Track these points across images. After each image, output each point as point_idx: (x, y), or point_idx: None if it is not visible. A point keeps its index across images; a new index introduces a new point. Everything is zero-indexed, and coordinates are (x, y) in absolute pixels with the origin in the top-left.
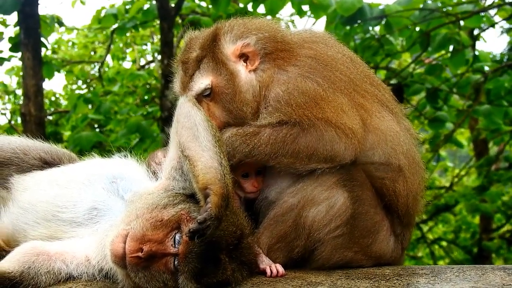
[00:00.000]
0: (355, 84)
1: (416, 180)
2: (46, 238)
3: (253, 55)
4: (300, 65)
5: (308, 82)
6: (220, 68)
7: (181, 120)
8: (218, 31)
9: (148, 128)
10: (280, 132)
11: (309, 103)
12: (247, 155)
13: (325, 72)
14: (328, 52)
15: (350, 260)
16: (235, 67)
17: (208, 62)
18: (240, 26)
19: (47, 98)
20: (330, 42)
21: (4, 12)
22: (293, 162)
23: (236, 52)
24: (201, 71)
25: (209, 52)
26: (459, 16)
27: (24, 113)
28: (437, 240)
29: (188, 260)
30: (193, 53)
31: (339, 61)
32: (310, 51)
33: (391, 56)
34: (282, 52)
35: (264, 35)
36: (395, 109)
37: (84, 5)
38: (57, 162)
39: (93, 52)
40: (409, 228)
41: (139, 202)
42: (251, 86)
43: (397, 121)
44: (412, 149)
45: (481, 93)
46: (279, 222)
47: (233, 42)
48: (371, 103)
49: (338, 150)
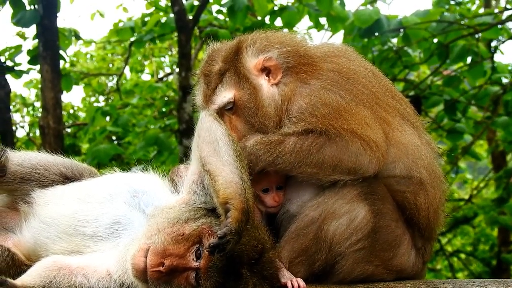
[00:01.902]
0: (377, 98)
1: (437, 193)
2: (68, 253)
3: (275, 69)
4: (323, 78)
5: (331, 95)
6: (243, 82)
7: (202, 135)
8: (240, 44)
9: (166, 140)
10: (306, 140)
11: (333, 114)
12: (270, 163)
13: (348, 86)
14: (350, 66)
15: (371, 274)
16: (257, 81)
17: (231, 75)
18: (263, 40)
19: (66, 110)
20: (352, 56)
21: (23, 25)
22: (317, 172)
23: (258, 66)
24: (224, 84)
25: (232, 66)
26: (477, 28)
27: (42, 126)
28: (456, 253)
29: (209, 274)
30: (216, 66)
31: (361, 75)
32: (332, 65)
33: (409, 68)
34: (305, 66)
35: (287, 49)
36: (416, 123)
37: (103, 17)
38: (78, 177)
39: (111, 64)
40: (430, 242)
41: (160, 217)
42: (273, 100)
43: (418, 135)
44: (433, 163)
45: (500, 105)
46: (300, 235)
47: (255, 55)
48: (393, 117)
49: (363, 162)
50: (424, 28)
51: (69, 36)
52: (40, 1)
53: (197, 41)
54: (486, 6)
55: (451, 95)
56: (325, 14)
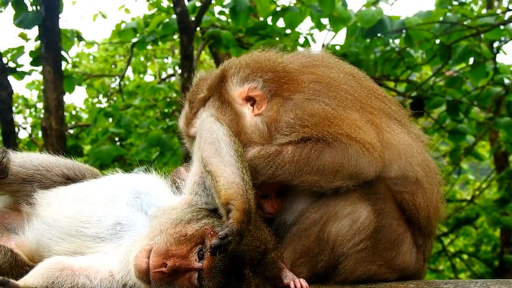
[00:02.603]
0: (361, 102)
1: (434, 188)
2: (70, 254)
3: (261, 100)
4: (304, 91)
5: (315, 104)
6: (225, 108)
7: (203, 135)
8: (225, 72)
9: (169, 141)
10: (304, 148)
11: (324, 122)
12: (270, 176)
13: (330, 93)
14: (330, 74)
15: (374, 274)
16: (240, 109)
17: (214, 101)
18: (245, 68)
19: (68, 111)
20: (330, 63)
21: (25, 26)
22: (318, 180)
23: (243, 95)
24: (206, 108)
25: (216, 92)
26: (480, 29)
27: (45, 127)
28: (458, 253)
29: (212, 275)
30: (201, 94)
31: (342, 82)
32: (311, 76)
33: (412, 69)
34: (286, 84)
35: (269, 76)
36: (403, 119)
37: (105, 18)
38: (80, 178)
39: (114, 65)
40: (431, 238)
41: (162, 217)
42: (257, 128)
43: (407, 132)
44: (426, 157)
45: (502, 106)
46: (302, 237)
47: (240, 84)
48: (380, 118)
49: (363, 165)
50: (426, 29)
51: (71, 38)
52: (42, 2)
53: (199, 42)
54: (489, 7)
55: (453, 96)
56: (327, 14)
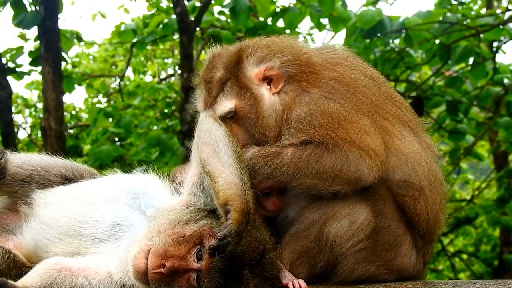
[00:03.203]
0: (377, 106)
1: (437, 198)
2: (68, 254)
3: (277, 78)
4: (323, 87)
5: (330, 103)
6: (244, 92)
7: (202, 136)
8: (241, 53)
9: (168, 141)
10: (304, 151)
11: (332, 124)
12: (268, 176)
13: (348, 94)
14: (351, 74)
15: (373, 274)
16: (258, 91)
17: (232, 85)
18: (264, 48)
19: (68, 112)
20: (353, 63)
21: (25, 26)
22: (316, 183)
23: (259, 76)
24: (225, 93)
25: (233, 75)
26: (479, 29)
27: (44, 127)
28: (458, 253)
29: (210, 275)
30: (217, 73)
31: (361, 83)
32: (333, 73)
33: (411, 69)
34: (306, 74)
35: (288, 58)
36: (417, 127)
37: (104, 18)
38: (78, 178)
39: (114, 66)
40: (431, 244)
41: (161, 218)
42: (274, 110)
43: (418, 141)
44: (433, 168)
45: (501, 106)
46: (301, 237)
47: (256, 65)
48: (393, 125)
49: (362, 171)
50: (426, 29)
51: (70, 38)
52: (41, 3)
53: (199, 42)
54: (488, 7)
55: (453, 96)
56: (327, 15)
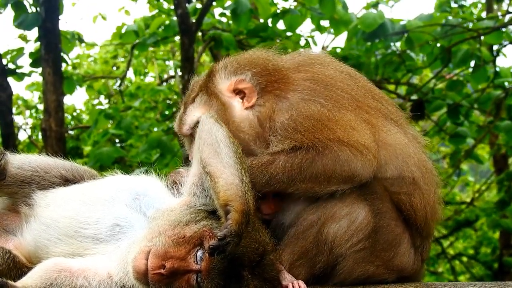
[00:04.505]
0: (358, 101)
1: (431, 189)
2: (68, 255)
3: (250, 92)
4: (299, 89)
5: (311, 105)
6: (212, 100)
7: (203, 137)
8: (213, 68)
9: (169, 143)
10: (296, 158)
11: (317, 126)
12: (264, 185)
13: (326, 92)
14: (326, 72)
15: (372, 274)
16: (228, 100)
17: (202, 96)
18: (233, 62)
19: (68, 113)
20: (326, 61)
21: (25, 27)
22: (312, 186)
23: (230, 87)
24: (195, 104)
25: (204, 88)
26: (480, 32)
27: (44, 129)
28: (458, 256)
29: (210, 276)
30: (193, 94)
31: (338, 79)
32: (306, 74)
33: (412, 72)
34: (277, 83)
35: (257, 70)
36: (400, 120)
37: (105, 20)
38: (78, 179)
39: (116, 67)
40: (428, 239)
41: (161, 219)
42: (248, 119)
43: (403, 132)
44: (422, 158)
45: (502, 109)
46: (300, 239)
47: (227, 78)
48: (376, 118)
49: (356, 168)
50: (427, 32)
51: (71, 39)
52: (42, 4)
53: (200, 44)
54: (488, 11)
55: (453, 99)
56: (328, 17)
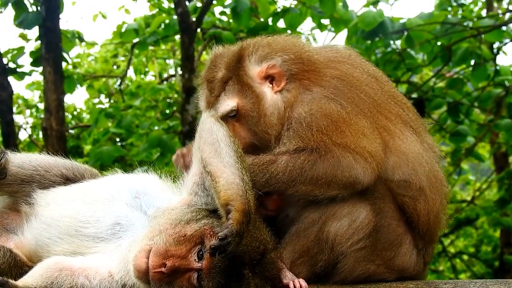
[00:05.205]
0: (379, 106)
1: (437, 199)
2: (69, 254)
3: (279, 76)
4: (325, 85)
5: (332, 104)
6: (246, 91)
7: (203, 136)
8: (242, 51)
9: (169, 142)
10: (298, 159)
11: (330, 127)
12: (264, 184)
13: (350, 94)
14: (354, 73)
15: (373, 273)
16: (260, 90)
17: (234, 84)
18: (265, 47)
19: (69, 112)
20: (355, 62)
21: (26, 26)
22: (312, 189)
23: (261, 74)
24: (227, 92)
25: (234, 74)
26: (480, 30)
27: (45, 128)
28: (459, 254)
29: (211, 275)
30: (219, 73)
31: (364, 82)
32: (335, 72)
33: (412, 70)
34: (308, 73)
35: (290, 56)
36: (419, 128)
37: (105, 19)
38: (79, 178)
39: (116, 66)
40: (432, 244)
41: (162, 218)
42: (276, 108)
43: (420, 141)
44: (434, 168)
45: (502, 107)
46: (301, 237)
47: (258, 63)
48: (395, 124)
49: (357, 175)
50: (427, 31)
51: (72, 38)
52: (42, 3)
53: (200, 43)
54: (489, 9)
55: (454, 97)
56: (328, 16)
